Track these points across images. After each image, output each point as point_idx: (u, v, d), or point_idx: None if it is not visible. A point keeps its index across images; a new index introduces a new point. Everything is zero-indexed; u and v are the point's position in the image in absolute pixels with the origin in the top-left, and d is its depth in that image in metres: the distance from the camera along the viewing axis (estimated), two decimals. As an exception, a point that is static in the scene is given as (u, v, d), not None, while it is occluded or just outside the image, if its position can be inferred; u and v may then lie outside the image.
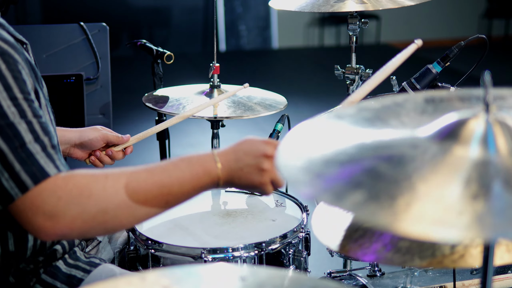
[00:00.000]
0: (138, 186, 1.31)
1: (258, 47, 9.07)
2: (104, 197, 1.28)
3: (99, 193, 1.28)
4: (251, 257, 1.67)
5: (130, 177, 1.31)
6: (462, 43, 2.02)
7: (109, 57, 2.66)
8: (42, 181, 1.26)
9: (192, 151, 5.24)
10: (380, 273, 2.24)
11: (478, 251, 0.99)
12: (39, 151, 1.28)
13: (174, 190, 1.33)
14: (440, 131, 0.87)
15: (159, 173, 1.33)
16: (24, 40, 1.52)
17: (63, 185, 1.27)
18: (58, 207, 1.26)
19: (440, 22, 9.51)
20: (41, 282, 1.51)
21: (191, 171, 1.35)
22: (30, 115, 1.30)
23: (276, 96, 2.26)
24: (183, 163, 1.36)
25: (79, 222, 1.27)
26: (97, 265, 1.60)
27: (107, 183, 1.30)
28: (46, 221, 1.25)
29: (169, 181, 1.33)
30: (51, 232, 1.26)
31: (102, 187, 1.29)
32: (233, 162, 1.38)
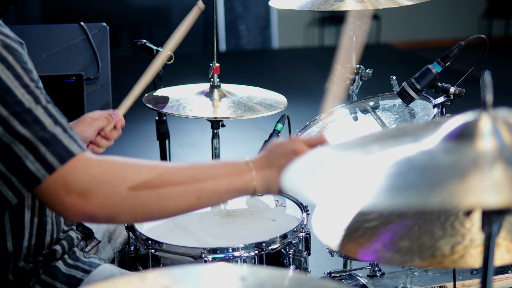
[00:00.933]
0: (172, 177, 1.32)
1: (258, 47, 9.08)
2: (137, 182, 1.29)
3: (133, 177, 1.30)
4: (251, 257, 1.67)
5: (165, 168, 1.33)
6: (462, 43, 2.02)
7: (109, 57, 2.65)
8: (68, 160, 1.27)
9: (192, 151, 5.24)
10: (380, 273, 2.24)
11: (478, 251, 1.00)
12: (60, 133, 1.29)
13: (207, 187, 1.34)
14: (450, 134, 0.98)
15: (194, 168, 1.35)
16: (20, 40, 1.52)
17: (97, 164, 1.29)
18: (91, 185, 1.27)
19: (440, 22, 9.51)
20: (40, 282, 1.50)
21: (226, 172, 1.36)
22: (44, 101, 1.32)
23: (276, 96, 2.26)
24: (218, 164, 1.38)
25: (110, 203, 1.28)
26: (96, 265, 1.60)
27: (142, 170, 1.31)
28: (77, 199, 1.26)
29: (203, 177, 1.34)
30: (81, 211, 1.27)
31: (137, 173, 1.31)
32: (266, 166, 1.38)
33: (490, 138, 0.94)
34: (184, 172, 1.34)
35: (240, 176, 1.36)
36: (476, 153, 0.93)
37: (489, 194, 0.84)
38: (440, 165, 0.94)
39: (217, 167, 1.37)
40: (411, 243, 1.02)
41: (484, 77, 0.97)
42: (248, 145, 5.02)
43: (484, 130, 0.95)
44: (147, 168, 1.32)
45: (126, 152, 5.12)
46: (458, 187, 0.86)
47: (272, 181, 1.38)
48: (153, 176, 1.31)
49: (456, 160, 0.93)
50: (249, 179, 1.36)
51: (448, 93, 2.02)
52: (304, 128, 2.24)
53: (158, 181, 1.31)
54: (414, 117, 2.09)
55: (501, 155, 0.92)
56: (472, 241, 1.01)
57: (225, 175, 1.35)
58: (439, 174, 0.91)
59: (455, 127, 0.99)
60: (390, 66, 7.56)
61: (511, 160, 0.91)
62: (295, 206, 1.93)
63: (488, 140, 0.94)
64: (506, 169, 0.88)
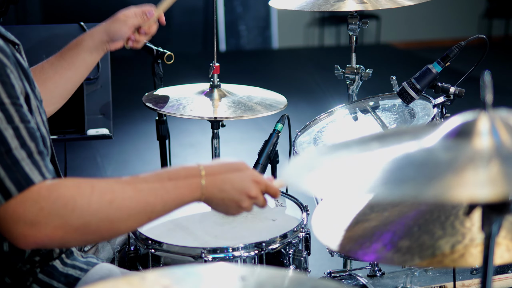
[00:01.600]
0: (123, 203, 1.32)
1: (258, 47, 9.07)
2: (87, 211, 1.28)
3: (83, 207, 1.28)
4: (251, 257, 1.67)
5: (116, 193, 1.32)
6: (462, 43, 2.02)
7: (109, 57, 2.65)
8: (26, 189, 1.26)
9: (192, 151, 5.23)
10: (380, 273, 2.24)
11: (478, 250, 1.00)
12: (24, 158, 1.28)
13: (157, 209, 1.36)
14: (449, 133, 0.99)
15: (145, 192, 1.34)
16: (15, 41, 1.51)
17: (47, 195, 1.27)
18: (40, 217, 1.25)
19: (440, 22, 9.51)
20: (38, 282, 1.50)
21: (176, 193, 1.37)
22: (17, 120, 1.30)
23: (276, 96, 2.26)
24: (170, 183, 1.37)
25: (60, 233, 1.27)
26: (94, 264, 1.60)
27: (92, 198, 1.29)
28: (27, 230, 1.25)
29: (154, 201, 1.35)
30: (31, 240, 1.26)
31: (87, 202, 1.29)
32: (218, 191, 1.41)
33: (488, 136, 0.96)
34: (135, 198, 1.33)
35: (190, 195, 1.39)
36: (473, 150, 0.94)
37: (483, 187, 0.86)
38: (438, 161, 0.95)
39: (168, 188, 1.37)
40: (411, 242, 1.03)
41: (484, 77, 0.97)
42: (248, 145, 5.02)
43: (482, 129, 0.97)
44: (98, 195, 1.30)
45: (126, 152, 5.12)
46: (453, 181, 0.87)
47: (213, 203, 1.43)
48: (103, 204, 1.30)
49: (453, 157, 0.94)
50: (197, 198, 1.40)
51: (448, 93, 2.02)
52: (304, 128, 2.24)
53: (109, 209, 1.30)
54: (414, 117, 2.09)
55: (498, 153, 0.93)
56: (472, 240, 1.01)
57: (175, 196, 1.37)
58: (435, 169, 0.93)
59: (455, 126, 1.00)
60: (390, 66, 7.55)
61: (507, 157, 0.92)
62: (295, 206, 1.93)
63: (486, 138, 0.96)
64: (501, 166, 0.90)
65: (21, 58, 1.50)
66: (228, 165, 1.44)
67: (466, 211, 1.02)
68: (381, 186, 0.92)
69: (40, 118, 1.46)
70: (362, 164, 1.00)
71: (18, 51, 1.51)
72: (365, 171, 0.97)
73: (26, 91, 1.39)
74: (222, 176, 1.41)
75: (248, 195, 1.42)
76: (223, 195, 1.41)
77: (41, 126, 1.45)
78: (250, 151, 4.22)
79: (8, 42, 1.46)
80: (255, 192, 1.43)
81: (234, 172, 1.43)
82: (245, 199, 1.43)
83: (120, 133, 5.16)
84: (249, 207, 1.45)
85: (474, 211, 1.01)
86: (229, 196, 1.41)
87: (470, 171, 0.89)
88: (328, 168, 1.02)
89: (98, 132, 2.60)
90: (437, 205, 1.07)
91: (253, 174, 1.45)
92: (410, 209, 1.09)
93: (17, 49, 1.52)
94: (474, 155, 0.93)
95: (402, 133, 1.10)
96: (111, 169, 4.73)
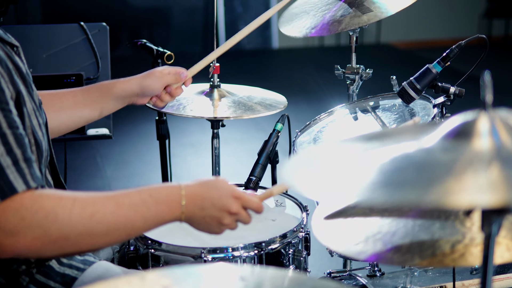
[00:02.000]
0: (103, 218, 1.32)
1: (258, 47, 9.07)
2: (68, 224, 1.29)
3: (64, 219, 1.28)
4: (251, 257, 1.67)
5: (97, 207, 1.32)
6: (462, 43, 2.02)
7: (109, 57, 2.65)
8: (8, 198, 1.26)
9: (192, 151, 5.23)
10: (380, 273, 2.24)
11: (478, 250, 1.00)
12: (9, 165, 1.28)
13: (137, 225, 1.37)
14: (449, 133, 0.99)
15: (126, 207, 1.35)
16: (14, 42, 1.51)
17: (29, 206, 1.27)
18: (20, 227, 1.25)
19: (440, 22, 9.51)
20: (34, 282, 1.50)
21: (156, 210, 1.38)
22: (4, 126, 1.30)
23: (276, 96, 2.26)
24: (151, 200, 1.38)
25: (38, 244, 1.27)
26: (91, 263, 1.60)
27: (73, 211, 1.30)
28: (6, 239, 1.25)
29: (134, 217, 1.35)
30: (9, 250, 1.27)
31: (67, 214, 1.29)
32: (198, 210, 1.42)
33: (488, 137, 0.95)
34: (116, 212, 1.33)
35: (170, 214, 1.40)
36: (473, 152, 0.94)
37: (483, 193, 0.85)
38: (437, 163, 0.95)
39: (149, 204, 1.37)
40: (411, 242, 1.03)
41: (484, 77, 0.97)
42: (248, 145, 5.02)
43: (482, 130, 0.96)
44: (79, 208, 1.30)
45: (126, 152, 5.12)
46: (452, 185, 0.87)
47: (195, 222, 1.44)
48: (84, 217, 1.30)
49: (452, 159, 0.94)
50: (177, 217, 1.41)
51: (448, 93, 2.02)
52: (304, 128, 2.24)
53: (89, 223, 1.31)
54: (414, 117, 2.09)
55: (498, 155, 0.92)
56: (472, 239, 1.01)
57: (155, 214, 1.38)
58: (434, 172, 0.92)
59: (454, 126, 0.99)
60: (390, 66, 7.55)
61: (507, 160, 0.91)
62: (295, 206, 1.93)
63: (486, 139, 0.95)
64: (501, 169, 0.89)
65: (19, 60, 1.49)
66: (207, 183, 1.44)
67: (466, 211, 1.02)
68: (379, 189, 0.91)
69: (37, 121, 1.46)
70: (360, 165, 1.00)
71: (16, 53, 1.51)
72: (363, 173, 0.97)
73: (21, 94, 1.38)
74: (201, 194, 1.42)
75: (228, 211, 1.43)
76: (204, 213, 1.42)
77: (37, 129, 1.45)
78: (250, 151, 4.22)
79: (5, 43, 1.46)
80: (236, 208, 1.43)
81: (213, 189, 1.43)
82: (226, 216, 1.43)
83: (120, 133, 5.16)
84: (232, 224, 1.45)
85: (474, 211, 1.01)
86: (210, 214, 1.42)
87: (469, 175, 0.88)
88: (325, 170, 1.01)
89: (98, 132, 2.60)
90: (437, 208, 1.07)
91: (233, 190, 1.45)
92: (410, 209, 1.09)
93: (16, 51, 1.51)
94: (474, 157, 0.92)
95: (403, 132, 1.10)
96: (111, 169, 4.73)
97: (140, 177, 4.55)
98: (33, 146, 1.44)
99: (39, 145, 1.45)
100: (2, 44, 1.45)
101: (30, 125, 1.43)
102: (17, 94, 1.38)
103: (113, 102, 1.87)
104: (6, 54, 1.43)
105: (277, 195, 1.99)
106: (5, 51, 1.44)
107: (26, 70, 1.50)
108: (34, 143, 1.44)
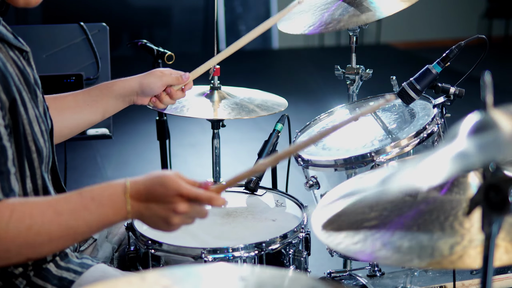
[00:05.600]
0: (42, 228, 1.30)
1: (258, 47, 9.07)
2: (6, 238, 1.28)
3: (1, 234, 1.28)
4: (251, 257, 1.67)
5: (35, 218, 1.30)
6: (462, 43, 2.02)
7: (109, 57, 2.66)
8: None
9: (192, 151, 5.22)
10: (380, 273, 2.24)
11: (477, 252, 0.99)
12: None
13: (81, 230, 1.34)
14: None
15: (66, 215, 1.32)
16: (24, 48, 1.50)
17: None
18: None
19: (440, 22, 9.51)
20: (31, 285, 1.50)
21: (100, 213, 1.34)
22: None
23: (276, 98, 2.26)
24: (93, 203, 1.33)
25: None
26: (89, 266, 1.59)
27: (10, 224, 1.28)
28: None
29: (76, 223, 1.32)
30: None
31: (4, 228, 1.28)
32: (144, 208, 1.34)
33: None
34: (55, 221, 1.30)
35: (115, 214, 1.34)
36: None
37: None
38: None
39: (91, 208, 1.33)
40: (410, 243, 1.03)
41: (484, 77, 0.97)
42: (248, 145, 5.02)
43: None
44: (16, 220, 1.29)
45: (126, 152, 5.12)
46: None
47: (144, 220, 1.37)
48: (21, 230, 1.28)
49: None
50: (123, 216, 1.35)
51: (448, 93, 2.02)
52: (304, 128, 2.24)
53: (28, 235, 1.29)
54: (414, 117, 2.09)
55: None
56: (471, 241, 1.01)
57: (98, 217, 1.33)
58: None
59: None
60: (390, 66, 7.56)
61: None
62: (295, 206, 1.93)
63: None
64: None
65: (27, 65, 1.49)
66: (153, 180, 1.34)
67: (466, 211, 1.02)
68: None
69: (39, 128, 1.45)
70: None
71: (25, 58, 1.50)
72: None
73: (17, 101, 1.38)
74: (146, 193, 1.34)
75: (174, 211, 1.33)
76: (151, 212, 1.34)
77: (39, 136, 1.45)
78: (250, 151, 4.22)
79: (14, 48, 1.46)
80: (182, 207, 1.33)
81: (157, 187, 1.33)
82: (173, 215, 1.34)
83: (120, 133, 5.16)
84: (182, 222, 1.36)
85: (474, 211, 1.01)
86: (156, 213, 1.34)
87: None
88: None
89: (98, 132, 2.60)
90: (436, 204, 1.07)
91: (178, 188, 1.32)
92: (409, 208, 1.09)
93: (24, 56, 1.50)
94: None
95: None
96: (111, 169, 4.73)
97: (140, 177, 4.54)
98: (34, 153, 1.44)
99: (40, 152, 1.45)
100: (9, 48, 1.45)
101: (31, 132, 1.42)
102: (12, 101, 1.37)
103: (114, 101, 1.87)
104: (11, 59, 1.43)
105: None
106: (11, 55, 1.44)
107: (34, 76, 1.50)
108: (35, 150, 1.44)
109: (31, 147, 1.43)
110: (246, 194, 2.01)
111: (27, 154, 1.42)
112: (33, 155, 1.43)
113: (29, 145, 1.42)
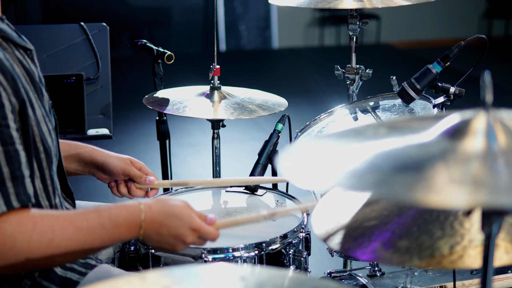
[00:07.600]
0: (63, 243, 1.35)
1: (258, 47, 9.07)
2: (26, 250, 1.32)
3: (22, 245, 1.31)
4: (251, 257, 1.67)
5: (56, 232, 1.35)
6: (462, 43, 2.02)
7: (109, 57, 2.65)
8: None
9: (192, 151, 5.22)
10: (380, 273, 2.24)
11: (477, 252, 0.99)
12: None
13: (95, 246, 1.41)
14: (447, 131, 0.98)
15: (85, 232, 1.38)
16: (28, 46, 1.50)
17: None
18: None
19: (440, 22, 9.51)
20: (36, 286, 1.50)
21: (115, 233, 1.42)
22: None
23: (277, 99, 2.26)
24: (110, 224, 1.41)
25: None
26: (93, 266, 1.59)
27: (32, 236, 1.32)
28: None
29: (92, 241, 1.39)
30: None
31: (26, 240, 1.31)
32: (155, 234, 1.47)
33: (483, 137, 0.94)
34: (74, 238, 1.36)
35: (128, 235, 1.45)
36: (463, 151, 0.93)
37: (456, 193, 0.85)
38: (426, 158, 0.94)
39: (108, 228, 1.41)
40: (410, 243, 1.03)
41: (484, 77, 0.97)
42: (248, 145, 5.02)
43: (478, 129, 0.95)
44: (38, 233, 1.33)
45: (126, 152, 5.11)
46: (430, 183, 0.86)
47: (149, 242, 1.51)
48: (43, 243, 1.33)
49: (441, 156, 0.93)
50: (134, 237, 1.47)
51: (448, 93, 2.02)
52: (304, 128, 2.24)
53: (47, 248, 1.34)
54: (412, 112, 2.09)
55: (488, 155, 0.91)
56: (471, 241, 1.01)
57: (113, 236, 1.43)
58: (420, 167, 0.92)
59: (452, 124, 0.99)
60: (390, 66, 7.56)
61: (494, 160, 0.90)
62: (295, 206, 1.93)
63: (480, 139, 0.94)
64: (486, 169, 0.88)
65: (32, 64, 1.49)
66: (168, 211, 1.48)
67: (466, 211, 1.02)
68: (360, 177, 0.92)
69: (46, 128, 1.45)
70: (352, 155, 1.00)
71: (30, 57, 1.50)
72: (352, 162, 0.97)
73: (26, 103, 1.38)
74: (160, 222, 1.46)
75: (183, 242, 1.49)
76: (160, 238, 1.47)
77: (47, 136, 1.45)
78: (250, 151, 4.22)
79: (19, 47, 1.46)
80: (191, 239, 1.49)
81: (172, 219, 1.47)
82: (179, 244, 1.49)
83: (120, 133, 5.16)
84: (184, 248, 1.51)
85: (474, 212, 1.00)
86: (165, 240, 1.48)
87: (449, 174, 0.88)
88: (318, 160, 1.02)
89: (98, 132, 2.60)
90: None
91: (192, 222, 1.48)
92: (409, 208, 1.09)
93: (29, 54, 1.50)
94: (462, 156, 0.92)
95: (404, 126, 1.09)
96: (111, 169, 4.73)
97: (140, 177, 4.54)
98: (42, 154, 1.44)
99: (48, 152, 1.45)
100: (14, 47, 1.44)
101: (39, 132, 1.42)
102: (21, 103, 1.37)
103: (75, 164, 1.82)
104: (17, 59, 1.43)
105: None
106: (16, 55, 1.44)
107: (38, 74, 1.50)
108: (43, 151, 1.44)
109: (39, 147, 1.43)
110: (247, 194, 2.01)
111: (36, 155, 1.43)
112: (42, 155, 1.44)
113: (37, 145, 1.42)
